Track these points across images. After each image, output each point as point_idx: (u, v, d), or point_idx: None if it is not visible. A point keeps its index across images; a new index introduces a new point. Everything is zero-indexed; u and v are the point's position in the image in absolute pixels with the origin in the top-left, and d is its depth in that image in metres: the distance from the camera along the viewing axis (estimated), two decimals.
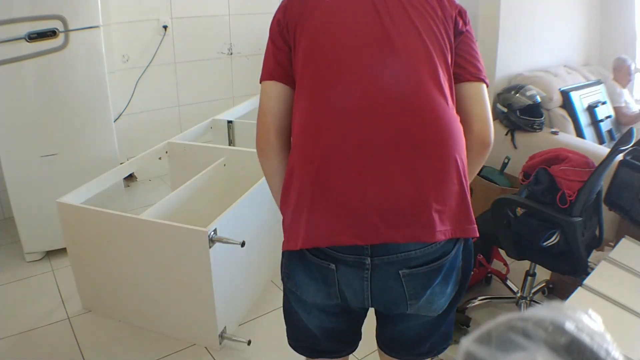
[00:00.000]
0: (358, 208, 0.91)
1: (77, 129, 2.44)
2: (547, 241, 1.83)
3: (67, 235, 2.05)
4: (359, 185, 0.91)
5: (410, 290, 0.98)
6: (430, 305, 1.03)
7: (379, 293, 0.99)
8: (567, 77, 3.08)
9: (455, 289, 1.04)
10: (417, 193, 0.91)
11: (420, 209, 0.91)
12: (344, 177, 0.91)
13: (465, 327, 2.04)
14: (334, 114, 0.93)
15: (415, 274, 0.96)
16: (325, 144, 0.93)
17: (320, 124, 0.94)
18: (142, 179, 3.46)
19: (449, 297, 1.04)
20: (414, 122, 0.92)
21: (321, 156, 0.93)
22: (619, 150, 1.74)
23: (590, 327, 0.55)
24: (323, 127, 0.94)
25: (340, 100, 0.93)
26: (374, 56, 0.94)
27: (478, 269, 2.24)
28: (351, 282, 0.99)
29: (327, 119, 0.94)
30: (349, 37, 0.96)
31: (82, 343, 1.98)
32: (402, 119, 0.91)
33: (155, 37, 3.30)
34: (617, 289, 1.48)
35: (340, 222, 0.92)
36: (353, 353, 1.89)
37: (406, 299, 0.99)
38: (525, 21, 2.93)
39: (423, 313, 1.05)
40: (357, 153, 0.91)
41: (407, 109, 0.92)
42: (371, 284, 0.98)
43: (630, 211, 2.02)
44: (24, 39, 2.18)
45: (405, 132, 0.91)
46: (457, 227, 0.95)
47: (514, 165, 2.66)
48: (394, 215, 0.90)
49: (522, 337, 0.54)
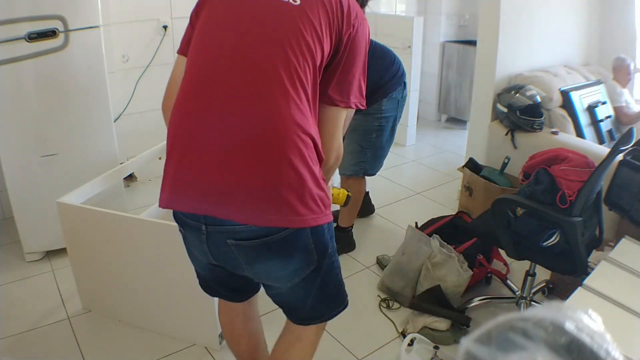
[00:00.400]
0: (199, 185, 1.09)
1: (77, 129, 2.44)
2: (547, 241, 1.83)
3: (67, 236, 2.05)
4: (201, 166, 1.08)
5: (242, 257, 1.15)
6: (269, 275, 1.20)
7: (217, 255, 1.19)
8: (567, 77, 3.08)
9: (307, 265, 1.18)
10: (234, 181, 1.07)
11: (236, 195, 1.07)
12: (193, 158, 1.09)
13: (465, 327, 2.04)
14: (193, 101, 1.10)
15: (242, 245, 1.12)
16: (185, 128, 1.10)
17: (184, 107, 1.12)
18: (142, 179, 3.46)
19: (297, 271, 1.18)
20: (248, 120, 1.06)
21: (182, 138, 1.11)
22: (619, 150, 1.74)
23: (590, 327, 0.55)
24: (187, 113, 1.11)
25: (200, 90, 1.10)
26: (236, 63, 1.09)
27: (478, 269, 2.24)
28: (194, 242, 1.20)
29: (189, 104, 1.11)
30: (219, 41, 1.12)
31: (82, 343, 1.98)
32: (238, 116, 1.07)
33: (155, 37, 3.30)
34: (617, 289, 1.48)
35: (187, 194, 1.11)
36: (352, 352, 1.90)
37: (242, 264, 1.17)
38: (525, 21, 2.93)
39: (270, 282, 1.24)
40: (204, 140, 1.08)
41: (244, 109, 1.07)
42: (209, 247, 1.17)
43: (630, 211, 2.02)
44: (24, 39, 2.18)
45: (238, 128, 1.06)
46: (274, 216, 1.07)
47: (514, 165, 2.67)
48: (219, 196, 1.08)
49: (522, 337, 0.54)
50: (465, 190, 2.91)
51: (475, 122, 3.09)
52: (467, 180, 2.89)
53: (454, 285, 2.08)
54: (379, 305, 2.23)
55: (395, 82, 2.42)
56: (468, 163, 2.94)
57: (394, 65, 2.42)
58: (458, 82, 4.66)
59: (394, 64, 2.42)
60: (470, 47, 4.32)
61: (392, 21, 4.22)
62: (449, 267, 2.08)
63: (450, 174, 3.62)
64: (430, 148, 4.28)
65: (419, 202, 3.26)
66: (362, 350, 1.97)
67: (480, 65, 2.98)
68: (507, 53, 2.87)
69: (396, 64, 2.43)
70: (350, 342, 2.00)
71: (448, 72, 4.73)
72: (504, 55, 2.86)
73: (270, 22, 1.10)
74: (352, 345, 1.99)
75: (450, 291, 2.08)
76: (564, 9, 3.22)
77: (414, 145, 4.31)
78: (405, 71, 2.49)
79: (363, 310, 2.21)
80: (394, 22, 4.18)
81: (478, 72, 3.01)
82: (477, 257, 2.23)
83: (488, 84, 2.92)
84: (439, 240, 2.17)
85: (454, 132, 4.69)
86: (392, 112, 2.45)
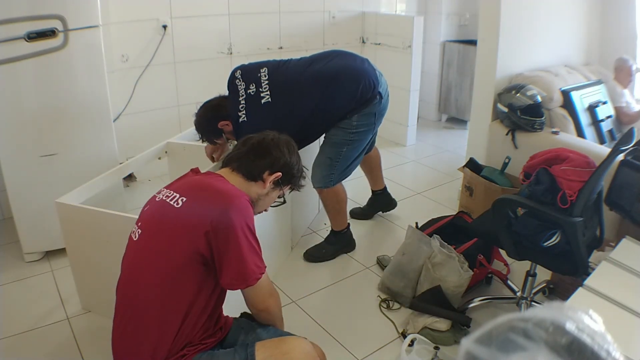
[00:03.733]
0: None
1: (77, 128, 2.44)
2: (547, 241, 1.83)
3: (67, 236, 2.04)
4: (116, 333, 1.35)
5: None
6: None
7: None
8: (568, 76, 3.07)
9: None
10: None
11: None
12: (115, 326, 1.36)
13: (466, 328, 2.03)
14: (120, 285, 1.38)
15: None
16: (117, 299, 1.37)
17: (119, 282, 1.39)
18: (142, 179, 3.46)
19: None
20: (136, 299, 1.30)
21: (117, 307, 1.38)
22: (619, 150, 1.74)
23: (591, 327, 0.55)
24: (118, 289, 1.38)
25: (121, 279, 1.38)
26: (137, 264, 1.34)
27: (478, 269, 2.24)
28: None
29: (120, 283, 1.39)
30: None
31: (82, 343, 1.98)
32: (133, 298, 1.30)
33: (154, 36, 3.30)
34: (617, 289, 1.47)
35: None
36: (352, 352, 1.90)
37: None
38: (525, 21, 2.93)
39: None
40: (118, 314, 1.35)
41: (133, 295, 1.31)
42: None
43: (631, 211, 2.02)
44: (23, 39, 2.17)
45: (130, 305, 1.31)
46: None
47: (515, 165, 2.66)
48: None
49: (523, 338, 0.53)
50: (466, 190, 2.91)
51: (476, 121, 3.08)
52: (468, 180, 2.89)
53: (454, 285, 2.07)
54: (379, 306, 2.22)
55: (366, 102, 2.26)
56: (468, 163, 2.94)
57: (360, 85, 2.22)
58: (458, 81, 4.66)
59: (362, 84, 2.23)
60: (471, 46, 4.32)
61: (392, 21, 4.23)
62: (449, 268, 2.08)
63: (450, 174, 3.62)
64: (430, 148, 4.27)
65: (419, 202, 3.26)
66: (362, 350, 1.97)
67: (481, 64, 2.97)
68: (507, 52, 2.86)
69: (365, 83, 2.24)
70: (350, 343, 2.00)
71: (448, 71, 4.73)
72: (504, 55, 2.85)
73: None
74: (352, 345, 1.98)
75: (451, 291, 2.07)
76: (565, 9, 3.22)
77: (414, 145, 4.31)
78: (377, 82, 2.30)
79: (363, 310, 2.21)
80: (394, 22, 4.18)
81: (478, 72, 3.01)
82: (478, 257, 2.23)
83: (488, 83, 2.92)
84: (439, 241, 2.16)
85: (455, 132, 4.68)
86: (366, 126, 2.32)
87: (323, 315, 2.17)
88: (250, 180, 1.44)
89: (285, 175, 1.50)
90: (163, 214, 1.31)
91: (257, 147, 1.48)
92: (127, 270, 1.35)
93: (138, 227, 1.36)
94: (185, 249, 1.24)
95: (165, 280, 1.25)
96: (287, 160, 1.49)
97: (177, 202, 1.30)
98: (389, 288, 2.27)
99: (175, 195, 1.32)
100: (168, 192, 1.36)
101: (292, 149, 1.54)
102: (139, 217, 1.40)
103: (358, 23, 4.36)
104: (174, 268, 1.25)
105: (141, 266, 1.30)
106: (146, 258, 1.30)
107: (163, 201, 1.34)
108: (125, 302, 1.32)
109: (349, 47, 4.34)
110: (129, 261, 1.35)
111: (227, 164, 1.48)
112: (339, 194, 2.51)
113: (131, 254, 1.36)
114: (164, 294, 1.25)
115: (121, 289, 1.35)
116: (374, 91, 2.27)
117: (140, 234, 1.33)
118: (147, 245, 1.31)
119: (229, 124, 2.21)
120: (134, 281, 1.31)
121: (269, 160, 1.46)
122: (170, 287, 1.25)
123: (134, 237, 1.36)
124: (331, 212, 2.56)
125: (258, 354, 1.28)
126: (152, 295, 1.26)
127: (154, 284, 1.26)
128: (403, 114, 4.20)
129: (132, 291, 1.30)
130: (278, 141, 1.51)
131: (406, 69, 4.05)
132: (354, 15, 4.31)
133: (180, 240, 1.25)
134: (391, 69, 4.20)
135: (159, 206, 1.35)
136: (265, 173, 1.45)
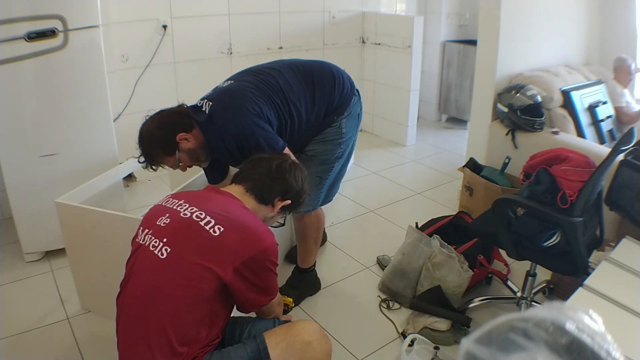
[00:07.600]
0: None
1: (77, 128, 2.44)
2: (547, 241, 1.83)
3: (66, 236, 2.04)
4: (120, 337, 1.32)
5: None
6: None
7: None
8: (568, 76, 3.07)
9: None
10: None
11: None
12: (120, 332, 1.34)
13: (466, 328, 2.03)
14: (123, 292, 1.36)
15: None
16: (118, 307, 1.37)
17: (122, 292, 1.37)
18: (142, 179, 3.46)
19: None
20: (154, 317, 1.23)
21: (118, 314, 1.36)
22: (619, 150, 1.74)
23: (591, 327, 0.55)
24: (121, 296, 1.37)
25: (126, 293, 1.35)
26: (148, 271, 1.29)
27: (479, 269, 2.24)
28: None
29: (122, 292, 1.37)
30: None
31: (81, 343, 1.98)
32: (150, 316, 1.23)
33: (154, 36, 3.30)
34: (617, 289, 1.48)
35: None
36: (352, 352, 1.90)
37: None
38: (525, 21, 2.93)
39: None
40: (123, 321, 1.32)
41: (152, 313, 1.23)
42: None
43: (631, 211, 2.02)
44: (23, 39, 2.17)
45: (144, 324, 1.24)
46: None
47: (515, 165, 2.66)
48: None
49: (523, 338, 0.53)
50: (466, 190, 2.91)
51: (476, 121, 3.08)
52: (468, 180, 2.89)
53: (454, 285, 2.07)
54: (379, 306, 2.22)
55: (347, 96, 2.02)
56: (468, 163, 2.94)
57: (336, 78, 2.01)
58: (458, 81, 4.66)
59: (336, 77, 2.01)
60: (471, 46, 4.32)
61: (392, 21, 4.23)
62: (449, 268, 2.08)
63: (450, 174, 3.61)
64: (430, 148, 4.27)
65: (419, 202, 3.26)
66: (362, 350, 1.97)
67: (481, 64, 2.97)
68: (507, 52, 2.86)
69: (337, 75, 2.02)
70: (350, 343, 2.00)
71: (448, 71, 4.73)
72: (504, 55, 2.85)
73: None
74: (352, 345, 1.98)
75: (451, 291, 2.07)
76: (565, 9, 3.22)
77: (414, 145, 4.31)
78: (349, 75, 2.09)
79: (363, 310, 2.21)
80: (394, 22, 4.18)
81: (478, 72, 3.01)
82: (478, 257, 2.23)
83: (488, 83, 2.92)
84: (439, 241, 2.16)
85: (454, 132, 4.68)
86: (352, 130, 2.08)
87: (323, 315, 2.17)
88: (261, 204, 1.46)
89: (294, 203, 1.52)
90: (197, 241, 1.25)
91: (275, 172, 1.48)
92: (146, 284, 1.26)
93: (163, 243, 1.26)
94: (213, 280, 1.23)
95: (190, 305, 1.23)
96: (299, 190, 1.52)
97: (214, 230, 1.25)
98: (389, 288, 2.27)
99: (210, 221, 1.27)
100: (199, 213, 1.29)
101: (305, 177, 1.57)
102: (159, 228, 1.30)
103: (358, 23, 4.36)
104: (200, 298, 1.23)
105: (166, 286, 1.23)
106: (173, 280, 1.23)
107: (194, 222, 1.27)
108: (139, 314, 1.26)
109: (349, 47, 4.35)
110: (151, 277, 1.26)
111: (241, 182, 1.48)
112: (320, 219, 2.20)
113: (154, 269, 1.25)
114: (186, 316, 1.23)
115: (135, 303, 1.27)
116: (350, 81, 2.07)
117: (170, 253, 1.24)
118: (177, 270, 1.23)
119: (190, 139, 1.80)
120: (155, 300, 1.23)
121: (284, 187, 1.48)
122: (194, 311, 1.23)
123: (158, 253, 1.25)
124: (309, 242, 2.20)
125: (269, 341, 1.30)
126: (173, 318, 1.21)
127: (177, 305, 1.22)
128: (403, 113, 4.19)
129: (151, 310, 1.23)
130: (294, 168, 1.53)
131: (406, 69, 4.05)
132: (354, 15, 4.31)
133: (210, 272, 1.22)
134: (391, 69, 4.20)
135: (187, 226, 1.27)
136: (276, 199, 1.47)
